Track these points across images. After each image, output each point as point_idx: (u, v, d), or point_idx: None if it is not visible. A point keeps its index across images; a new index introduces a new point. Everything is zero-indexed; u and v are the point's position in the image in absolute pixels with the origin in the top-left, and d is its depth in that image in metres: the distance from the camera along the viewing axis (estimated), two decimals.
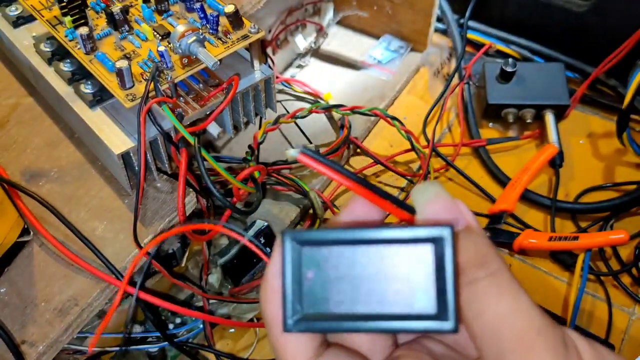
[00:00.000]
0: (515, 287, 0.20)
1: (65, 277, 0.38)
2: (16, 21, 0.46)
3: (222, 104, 0.40)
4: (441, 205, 0.21)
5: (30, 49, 0.44)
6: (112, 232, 0.40)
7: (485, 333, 0.19)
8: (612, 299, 0.49)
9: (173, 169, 0.42)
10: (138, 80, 0.39)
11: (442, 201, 0.21)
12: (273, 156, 0.54)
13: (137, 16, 0.43)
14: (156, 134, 0.39)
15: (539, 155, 0.57)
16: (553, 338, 0.19)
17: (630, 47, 0.59)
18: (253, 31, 0.42)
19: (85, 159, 0.44)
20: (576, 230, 0.54)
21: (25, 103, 0.47)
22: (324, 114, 0.61)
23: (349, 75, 0.67)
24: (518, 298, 0.19)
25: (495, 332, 0.19)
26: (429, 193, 0.21)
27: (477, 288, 0.19)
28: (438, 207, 0.21)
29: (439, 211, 0.21)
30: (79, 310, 0.36)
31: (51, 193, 0.41)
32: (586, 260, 0.50)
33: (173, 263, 0.47)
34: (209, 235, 0.44)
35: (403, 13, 0.66)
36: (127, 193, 0.41)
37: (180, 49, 0.39)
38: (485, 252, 0.20)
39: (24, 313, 0.36)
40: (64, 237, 0.38)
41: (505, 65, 0.60)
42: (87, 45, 0.40)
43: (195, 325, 0.46)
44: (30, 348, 0.35)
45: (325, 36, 0.69)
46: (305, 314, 0.19)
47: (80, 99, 0.41)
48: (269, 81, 0.45)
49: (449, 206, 0.21)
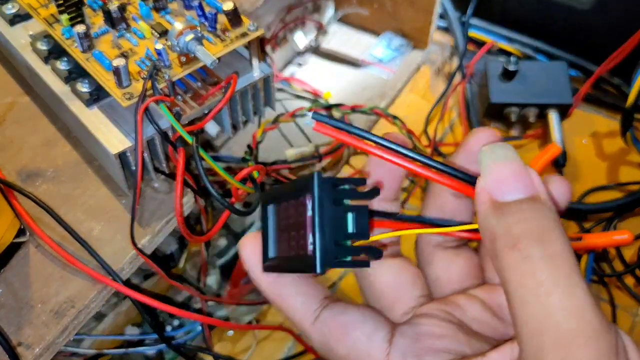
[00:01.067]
0: (574, 280, 0.17)
1: (61, 278, 0.37)
2: (12, 19, 0.45)
3: (220, 103, 0.40)
4: (509, 170, 0.19)
5: (26, 47, 0.44)
6: (109, 233, 0.39)
7: (529, 323, 0.17)
8: (616, 300, 0.49)
9: (171, 169, 0.42)
10: (135, 79, 0.39)
11: (511, 165, 0.19)
12: (272, 156, 0.54)
13: (135, 14, 0.43)
14: (154, 133, 0.39)
15: (541, 154, 0.56)
16: (602, 346, 0.17)
17: (634, 45, 0.58)
18: (252, 29, 0.41)
19: (82, 159, 0.43)
20: (579, 231, 0.54)
21: (22, 102, 0.47)
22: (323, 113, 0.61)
23: (349, 74, 0.66)
24: (574, 293, 0.17)
25: (540, 326, 0.17)
26: (497, 155, 0.19)
27: (529, 268, 0.17)
28: (506, 171, 0.19)
29: (507, 176, 0.19)
30: (76, 312, 0.36)
31: (48, 193, 0.41)
32: (590, 261, 0.49)
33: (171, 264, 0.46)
34: (207, 236, 0.43)
35: (404, 11, 0.65)
36: (124, 193, 0.41)
37: (178, 47, 0.39)
38: (549, 229, 0.18)
39: (19, 315, 0.36)
40: (60, 238, 0.38)
41: (508, 63, 0.59)
42: (84, 44, 0.40)
43: (194, 328, 0.45)
44: (27, 350, 0.34)
45: (325, 34, 0.69)
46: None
47: (77, 98, 0.41)
48: (268, 80, 0.44)
49: (518, 172, 0.19)
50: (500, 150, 0.19)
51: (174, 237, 0.47)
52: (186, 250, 0.47)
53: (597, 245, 0.49)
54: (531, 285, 0.17)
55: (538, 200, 0.19)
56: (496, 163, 0.19)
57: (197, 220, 0.47)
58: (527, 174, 0.19)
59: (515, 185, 0.19)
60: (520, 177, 0.19)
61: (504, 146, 0.20)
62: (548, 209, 0.19)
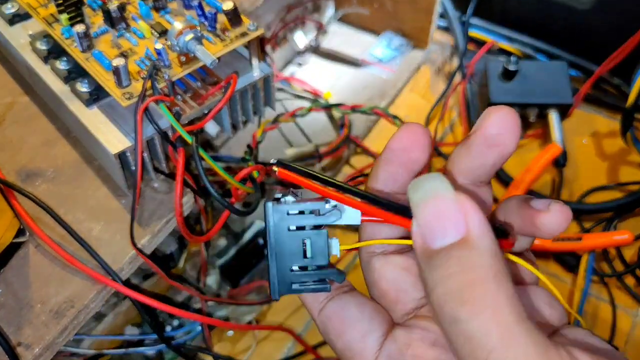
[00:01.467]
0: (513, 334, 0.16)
1: (61, 278, 0.37)
2: (12, 19, 0.45)
3: (220, 103, 0.40)
4: (437, 209, 0.17)
5: (26, 47, 0.44)
6: (109, 233, 0.39)
7: None
8: (616, 301, 0.49)
9: (170, 169, 0.42)
10: (135, 79, 0.39)
11: (440, 202, 0.17)
12: (272, 155, 0.54)
13: (134, 13, 0.43)
14: (153, 133, 0.39)
15: (542, 154, 0.56)
16: None
17: (634, 45, 0.58)
18: (252, 29, 0.41)
19: (81, 159, 0.43)
20: (580, 231, 0.54)
21: (21, 102, 0.47)
22: (323, 113, 0.61)
23: (349, 74, 0.66)
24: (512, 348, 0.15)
25: None
26: (425, 191, 0.18)
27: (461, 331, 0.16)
28: (434, 211, 0.17)
29: (435, 217, 0.17)
30: (75, 312, 0.36)
31: (47, 193, 0.41)
32: (590, 261, 0.49)
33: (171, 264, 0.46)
34: (207, 236, 0.43)
35: (404, 10, 0.65)
36: (124, 193, 0.41)
37: (177, 46, 0.39)
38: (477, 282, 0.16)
39: (19, 315, 0.36)
40: (60, 238, 0.38)
41: (508, 63, 0.59)
42: (83, 43, 0.40)
43: (193, 328, 0.45)
44: (26, 350, 0.34)
45: (325, 34, 0.69)
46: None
47: (76, 98, 0.41)
48: (268, 79, 0.44)
49: (447, 209, 0.17)
50: (428, 184, 0.18)
51: (174, 237, 0.47)
52: (186, 250, 0.47)
53: (597, 245, 0.49)
54: (467, 347, 0.16)
55: (467, 244, 0.17)
56: (424, 201, 0.17)
57: (197, 220, 0.47)
58: (458, 210, 0.17)
59: (444, 228, 0.17)
60: (449, 217, 0.17)
61: (432, 178, 0.18)
62: (478, 255, 0.16)
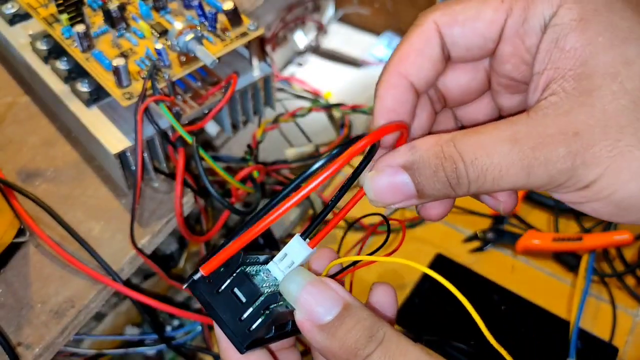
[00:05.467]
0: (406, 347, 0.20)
1: (61, 278, 0.37)
2: (12, 19, 0.45)
3: (220, 103, 0.40)
4: (313, 294, 0.21)
5: (26, 47, 0.44)
6: (109, 233, 0.39)
7: None
8: (616, 301, 0.49)
9: (171, 169, 0.42)
10: (135, 79, 0.39)
11: (313, 288, 0.21)
12: (272, 155, 0.54)
13: (135, 13, 0.43)
14: (153, 133, 0.39)
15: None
16: None
17: None
18: (252, 29, 0.41)
19: (81, 159, 0.43)
20: (580, 231, 0.54)
21: (21, 102, 0.47)
22: (324, 113, 0.61)
23: (350, 74, 0.66)
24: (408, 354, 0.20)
25: None
26: (297, 284, 0.21)
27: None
28: (312, 297, 0.21)
29: (315, 301, 0.21)
30: (76, 312, 0.36)
31: (47, 193, 0.41)
32: (590, 261, 0.49)
33: (171, 264, 0.46)
34: (207, 235, 0.43)
35: (404, 10, 0.65)
36: (124, 193, 0.41)
37: (178, 46, 0.39)
38: (370, 324, 0.20)
39: (19, 315, 0.36)
40: (60, 238, 0.38)
41: None
42: (83, 43, 0.40)
43: (194, 328, 0.45)
44: (26, 350, 0.34)
45: (325, 34, 0.69)
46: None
47: (76, 98, 0.41)
48: (268, 79, 0.44)
49: (320, 291, 0.21)
50: (297, 277, 0.21)
51: (174, 237, 0.47)
52: (186, 250, 0.47)
53: (597, 245, 0.49)
54: None
55: (349, 308, 0.21)
56: (300, 293, 0.21)
57: (197, 220, 0.47)
58: (329, 288, 0.21)
59: (326, 306, 0.21)
60: (326, 296, 0.21)
61: (297, 272, 0.22)
62: (358, 308, 0.21)
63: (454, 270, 0.50)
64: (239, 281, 0.22)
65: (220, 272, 0.22)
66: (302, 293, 0.21)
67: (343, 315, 0.21)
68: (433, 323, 0.47)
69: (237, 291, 0.22)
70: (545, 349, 0.46)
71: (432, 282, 0.50)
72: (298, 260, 0.22)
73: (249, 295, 0.22)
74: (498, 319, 0.48)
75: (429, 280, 0.50)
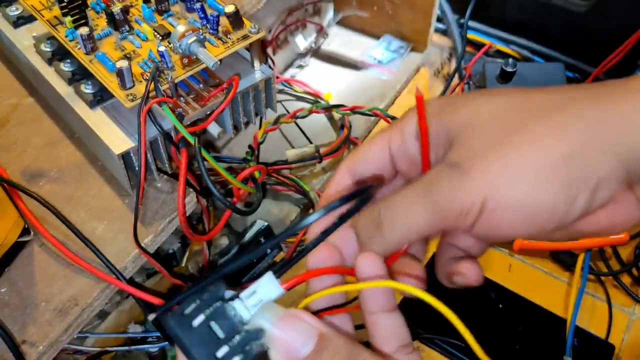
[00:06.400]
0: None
1: (65, 277, 0.38)
2: (16, 21, 0.46)
3: (222, 104, 0.40)
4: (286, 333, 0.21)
5: (30, 49, 0.44)
6: (112, 232, 0.39)
7: None
8: (612, 299, 0.49)
9: (173, 169, 0.42)
10: (138, 80, 0.39)
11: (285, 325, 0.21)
12: (273, 156, 0.54)
13: (138, 16, 0.43)
14: (156, 134, 0.39)
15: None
16: None
17: (630, 47, 0.59)
18: (253, 31, 0.42)
19: (85, 159, 0.44)
20: None
21: (26, 103, 0.47)
22: (324, 114, 0.61)
23: (349, 75, 0.67)
24: None
25: None
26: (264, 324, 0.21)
27: None
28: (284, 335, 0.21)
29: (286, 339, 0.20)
30: (79, 310, 0.36)
31: (51, 193, 0.41)
32: (586, 260, 0.50)
33: (173, 263, 0.47)
34: (209, 235, 0.44)
35: (403, 13, 0.66)
36: (127, 193, 0.41)
37: (180, 49, 0.39)
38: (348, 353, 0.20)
39: (24, 313, 0.36)
40: (64, 237, 0.38)
41: (506, 65, 0.60)
42: (87, 45, 0.40)
43: None
44: (31, 348, 0.35)
45: (325, 36, 0.69)
46: None
47: (80, 99, 0.41)
48: (269, 81, 0.44)
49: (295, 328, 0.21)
50: (266, 314, 0.21)
51: (176, 236, 0.47)
52: (188, 249, 0.48)
53: (593, 244, 0.50)
54: None
55: (324, 339, 0.21)
56: (272, 330, 0.20)
57: (199, 219, 0.48)
58: (301, 321, 0.21)
59: (303, 339, 0.20)
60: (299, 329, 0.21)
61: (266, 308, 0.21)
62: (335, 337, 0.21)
63: None
64: (217, 315, 0.21)
65: (196, 305, 0.21)
66: (273, 330, 0.20)
67: (320, 348, 0.20)
68: (430, 320, 0.47)
69: (215, 325, 0.21)
70: (542, 347, 0.46)
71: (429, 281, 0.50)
72: (266, 299, 0.21)
73: (228, 330, 0.20)
74: (495, 317, 0.48)
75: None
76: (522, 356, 0.46)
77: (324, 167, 0.57)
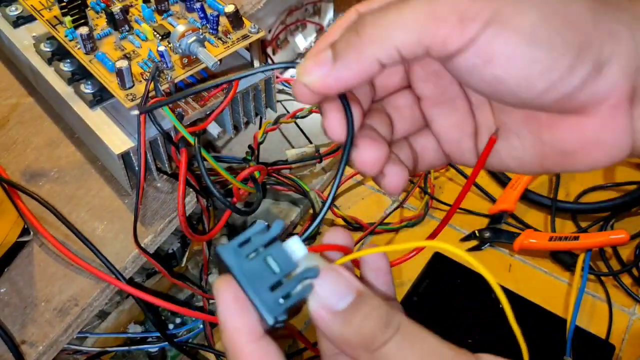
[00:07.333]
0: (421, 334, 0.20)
1: (65, 277, 0.38)
2: (16, 21, 0.46)
3: (222, 104, 0.40)
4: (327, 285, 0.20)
5: (30, 48, 0.44)
6: (112, 232, 0.40)
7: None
8: (613, 299, 0.49)
9: (173, 169, 0.42)
10: (138, 80, 0.39)
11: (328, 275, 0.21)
12: (273, 156, 0.54)
13: (137, 16, 0.43)
14: (156, 134, 0.39)
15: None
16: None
17: None
18: (253, 31, 0.42)
19: (85, 159, 0.44)
20: (576, 230, 0.54)
21: (26, 103, 0.47)
22: None
23: None
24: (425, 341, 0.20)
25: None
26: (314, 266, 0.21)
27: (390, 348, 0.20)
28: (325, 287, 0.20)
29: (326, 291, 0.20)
30: (79, 310, 0.36)
31: (51, 193, 0.41)
32: (586, 260, 0.50)
33: (173, 263, 0.47)
34: (209, 235, 0.44)
35: None
36: (127, 193, 0.41)
37: (180, 48, 0.39)
38: (385, 312, 0.20)
39: (24, 313, 0.36)
40: (64, 237, 0.38)
41: None
42: (87, 45, 0.40)
43: (196, 325, 0.46)
44: (30, 348, 0.35)
45: None
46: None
47: (80, 99, 0.41)
48: (269, 81, 0.44)
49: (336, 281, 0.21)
50: (312, 262, 0.21)
51: (176, 236, 0.47)
52: (188, 249, 0.48)
53: (594, 244, 0.50)
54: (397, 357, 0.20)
55: (362, 295, 0.20)
56: (317, 281, 0.20)
57: (199, 219, 0.48)
58: (341, 275, 0.21)
59: (339, 293, 0.20)
60: (339, 283, 0.20)
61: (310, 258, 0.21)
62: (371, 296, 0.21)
63: (452, 269, 0.51)
64: (273, 249, 0.21)
65: (252, 241, 0.21)
66: (320, 280, 0.20)
67: (358, 303, 0.20)
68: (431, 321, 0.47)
69: (271, 260, 0.21)
70: (542, 347, 0.46)
71: (430, 280, 0.50)
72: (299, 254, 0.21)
73: (284, 265, 0.21)
74: (495, 317, 0.48)
75: (427, 278, 0.50)
76: (522, 356, 0.46)
77: (324, 167, 0.57)
